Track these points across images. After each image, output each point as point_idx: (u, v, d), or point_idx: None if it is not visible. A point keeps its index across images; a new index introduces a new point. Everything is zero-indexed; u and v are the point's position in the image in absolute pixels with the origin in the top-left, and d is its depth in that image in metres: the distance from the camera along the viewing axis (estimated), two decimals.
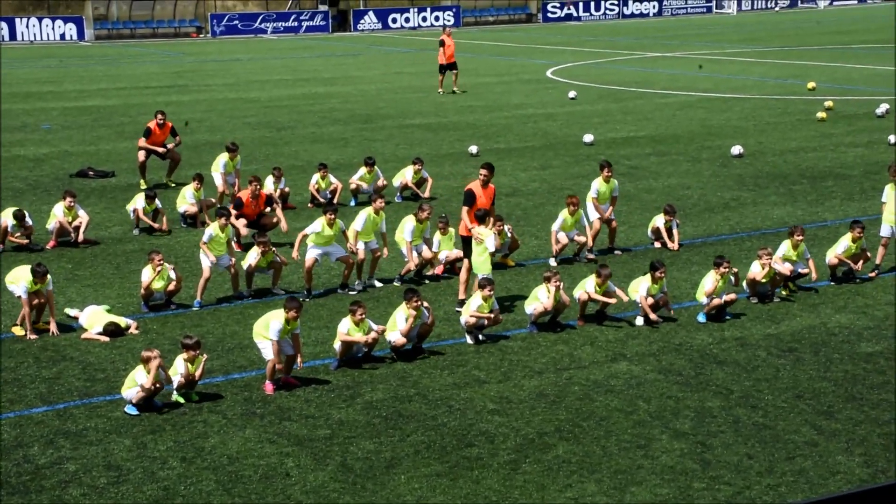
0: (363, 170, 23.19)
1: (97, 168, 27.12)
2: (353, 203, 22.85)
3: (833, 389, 13.16)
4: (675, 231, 19.53)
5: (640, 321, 15.60)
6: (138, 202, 20.99)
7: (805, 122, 33.16)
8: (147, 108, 36.94)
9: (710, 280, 15.62)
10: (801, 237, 16.68)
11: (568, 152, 29.03)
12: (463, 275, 16.43)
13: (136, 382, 12.61)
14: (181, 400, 12.94)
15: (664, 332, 15.29)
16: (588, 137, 30.18)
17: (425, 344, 14.66)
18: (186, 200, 21.49)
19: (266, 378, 13.33)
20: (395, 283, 17.52)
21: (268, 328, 13.28)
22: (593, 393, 13.16)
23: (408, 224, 17.59)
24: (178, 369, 12.92)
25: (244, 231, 19.22)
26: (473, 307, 14.81)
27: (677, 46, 59.64)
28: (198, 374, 12.99)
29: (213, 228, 16.80)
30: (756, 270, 16.35)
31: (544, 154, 28.58)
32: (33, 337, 15.20)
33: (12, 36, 68.42)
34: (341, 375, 13.80)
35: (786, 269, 16.47)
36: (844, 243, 17.14)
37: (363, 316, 13.90)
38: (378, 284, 17.47)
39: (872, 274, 17.55)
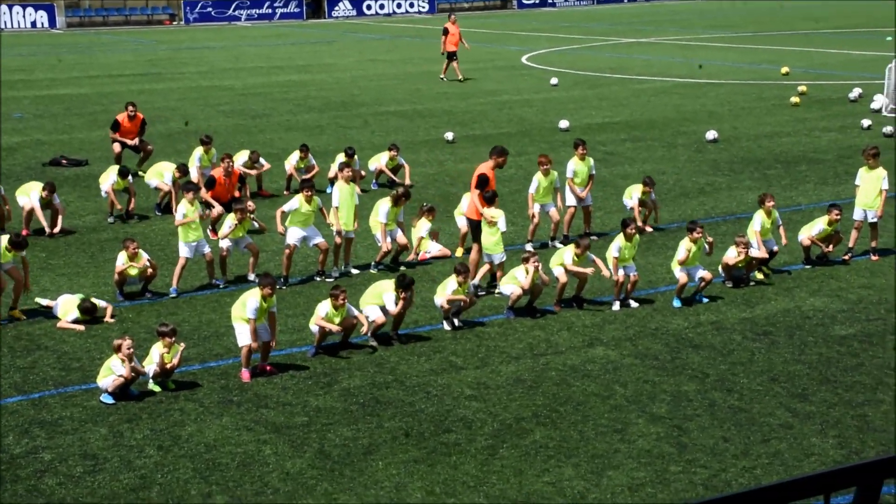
0: (341, 158, 23.10)
1: (70, 157, 26.91)
2: (329, 190, 22.80)
3: (807, 372, 13.25)
4: (654, 204, 19.59)
5: (616, 306, 15.66)
6: (110, 177, 20.67)
7: (779, 106, 33.31)
8: (120, 96, 36.63)
9: (682, 248, 15.71)
10: (772, 203, 16.76)
11: (544, 138, 29.04)
12: (474, 256, 16.43)
13: (111, 371, 12.54)
14: (157, 389, 12.89)
15: (640, 316, 15.35)
16: (564, 123, 30.21)
17: (402, 330, 14.66)
18: (163, 179, 21.26)
19: (242, 366, 13.30)
20: (371, 271, 17.49)
21: (245, 307, 13.25)
22: (570, 378, 13.20)
23: (382, 206, 17.54)
24: (154, 358, 12.87)
25: (216, 213, 19.11)
26: (448, 291, 14.82)
27: (652, 32, 59.75)
28: (174, 362, 12.94)
29: (183, 205, 16.55)
30: (731, 255, 16.43)
31: (520, 140, 28.58)
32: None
33: None
34: (318, 363, 13.78)
35: (762, 252, 16.54)
36: (819, 226, 17.25)
37: (344, 301, 13.87)
38: (354, 272, 17.45)
39: (846, 257, 17.67)
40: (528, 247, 18.45)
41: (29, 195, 19.82)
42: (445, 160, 26.56)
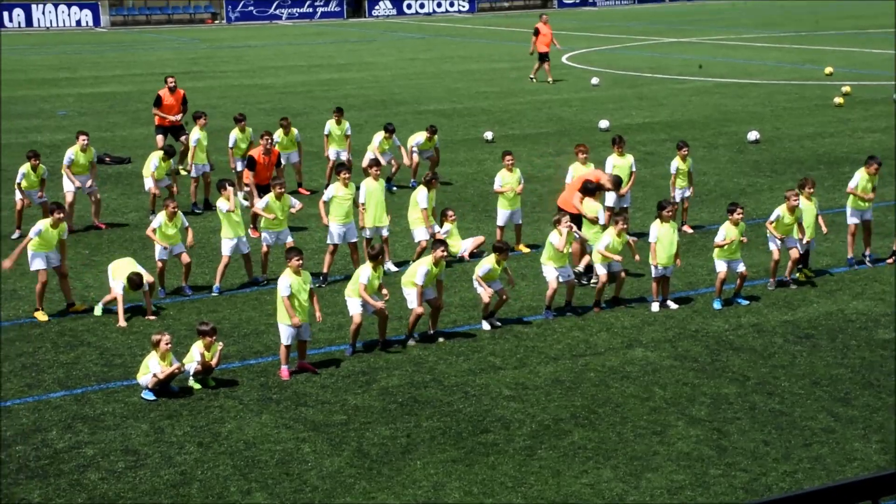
0: (381, 136, 23.09)
1: (113, 154, 27.19)
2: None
3: (850, 376, 13.11)
4: (691, 174, 19.51)
5: (655, 307, 15.57)
6: (153, 162, 20.60)
7: (822, 107, 32.97)
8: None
9: (722, 231, 15.60)
10: (811, 189, 16.48)
11: (583, 138, 28.85)
12: (576, 247, 16.52)
13: (149, 369, 12.66)
14: (198, 386, 12.99)
15: (680, 318, 15.26)
16: (604, 123, 30.07)
17: (440, 329, 14.66)
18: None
19: (281, 363, 13.37)
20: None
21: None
22: (609, 379, 13.15)
23: (420, 194, 17.53)
24: (195, 356, 12.97)
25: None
26: (484, 269, 14.75)
27: (693, 32, 59.35)
28: (214, 360, 13.03)
29: (222, 202, 16.57)
30: (779, 213, 16.18)
31: (559, 140, 28.50)
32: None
33: (28, 22, 68.55)
34: (357, 361, 13.82)
35: (794, 253, 16.35)
36: (857, 177, 17.08)
37: (383, 262, 13.98)
38: (394, 269, 17.47)
39: (890, 260, 17.47)
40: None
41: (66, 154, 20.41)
42: (484, 159, 26.53)
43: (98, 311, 15.67)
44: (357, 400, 12.64)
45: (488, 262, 14.78)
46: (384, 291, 14.09)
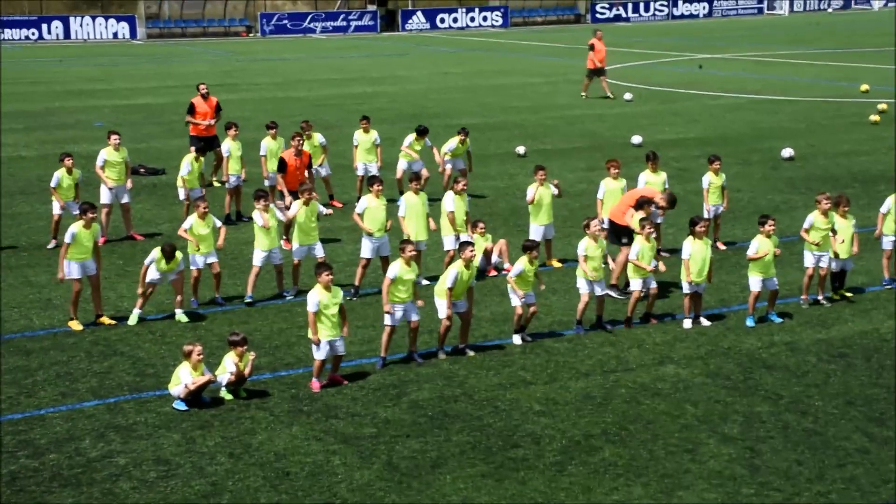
0: (411, 137, 23.20)
1: (148, 165, 27.41)
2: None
3: (885, 396, 12.98)
4: (724, 189, 19.49)
5: (687, 324, 15.49)
6: (185, 166, 20.77)
7: (858, 124, 32.73)
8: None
9: (754, 242, 15.51)
10: (846, 207, 16.33)
11: (616, 154, 28.76)
12: (621, 258, 16.51)
13: (181, 379, 12.73)
14: (229, 397, 13.05)
15: (712, 335, 15.17)
16: (637, 139, 29.99)
17: (471, 343, 14.65)
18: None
19: (313, 376, 13.40)
20: None
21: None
22: (640, 396, 13.09)
23: (447, 200, 17.56)
24: (228, 367, 13.02)
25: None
26: (517, 270, 14.74)
27: (727, 48, 59.11)
28: (246, 371, 13.08)
29: (257, 214, 16.59)
30: (812, 220, 16.15)
31: (591, 155, 28.44)
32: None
33: (66, 34, 69.36)
34: (387, 374, 13.83)
35: (822, 269, 16.25)
36: (888, 203, 16.99)
37: (413, 253, 14.02)
38: (425, 282, 17.47)
39: None
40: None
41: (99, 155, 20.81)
42: (516, 174, 26.53)
43: (133, 319, 15.77)
44: (387, 413, 12.65)
45: (521, 263, 14.78)
46: (419, 302, 14.14)
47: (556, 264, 18.53)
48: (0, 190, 25.00)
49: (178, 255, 15.69)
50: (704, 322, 15.54)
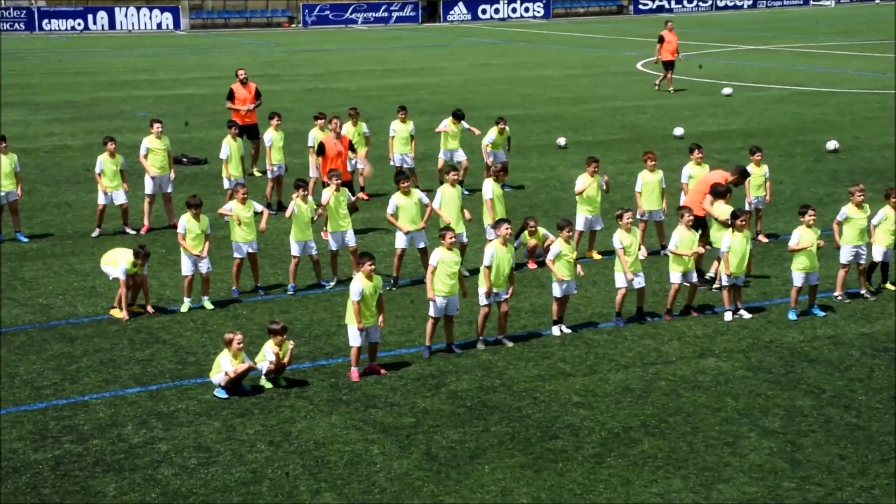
0: (447, 121, 23.24)
1: (190, 155, 27.62)
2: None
3: None
4: (767, 181, 19.54)
5: (728, 316, 15.38)
6: (224, 148, 20.95)
7: None
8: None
9: (796, 234, 15.38)
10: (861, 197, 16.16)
11: (657, 145, 28.64)
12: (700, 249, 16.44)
13: (221, 367, 12.83)
14: (269, 385, 13.13)
15: (754, 328, 15.06)
16: (678, 130, 29.79)
17: (510, 334, 14.63)
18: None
19: (351, 365, 13.46)
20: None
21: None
22: (680, 388, 13.02)
23: (486, 187, 17.53)
24: (268, 356, 13.11)
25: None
26: (555, 251, 14.78)
27: (771, 39, 58.52)
28: (286, 360, 13.16)
29: (294, 204, 16.62)
30: (846, 212, 16.06)
31: (632, 147, 28.29)
32: (127, 318, 15.56)
33: (111, 25, 70.01)
34: (427, 364, 13.86)
35: (861, 264, 16.10)
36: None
37: (453, 239, 14.06)
38: (466, 274, 17.44)
39: None
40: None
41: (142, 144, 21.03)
42: (557, 165, 26.46)
43: (185, 307, 15.90)
44: (426, 403, 12.67)
45: (557, 245, 14.78)
46: (463, 295, 14.17)
47: (596, 256, 18.45)
48: (46, 179, 25.30)
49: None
50: (745, 315, 15.43)
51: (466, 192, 22.95)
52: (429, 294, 13.94)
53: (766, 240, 19.30)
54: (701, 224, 16.58)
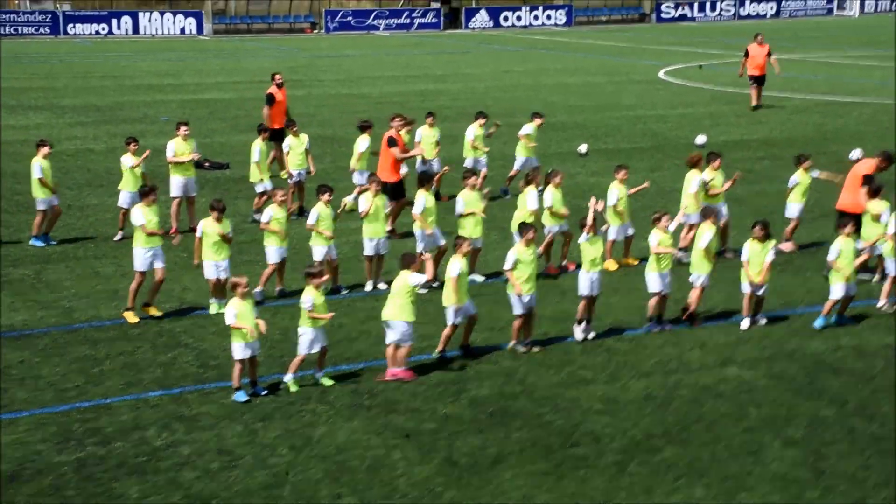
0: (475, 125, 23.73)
1: (213, 160, 27.72)
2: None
3: None
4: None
5: (745, 324, 15.31)
6: (256, 149, 21.14)
7: None
8: (261, 102, 37.54)
9: (836, 246, 15.28)
10: None
11: (679, 154, 28.57)
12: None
13: (231, 312, 12.87)
14: (295, 388, 13.09)
15: (776, 337, 14.99)
16: (701, 139, 29.48)
17: (532, 340, 14.62)
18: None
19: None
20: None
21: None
22: (702, 397, 12.97)
23: (530, 195, 17.54)
24: (306, 304, 13.18)
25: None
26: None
27: (794, 48, 58.30)
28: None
29: (318, 208, 16.65)
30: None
31: (653, 155, 28.24)
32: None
33: (135, 30, 70.39)
34: (447, 370, 13.86)
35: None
36: None
37: (469, 248, 14.25)
38: (479, 279, 17.43)
39: None
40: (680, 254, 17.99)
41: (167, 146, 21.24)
42: (577, 173, 26.44)
43: (214, 309, 15.96)
44: (447, 409, 12.68)
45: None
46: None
47: (632, 262, 18.32)
48: (69, 182, 25.45)
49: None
50: (762, 321, 15.34)
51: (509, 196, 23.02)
52: (453, 305, 13.91)
53: (791, 247, 19.10)
54: (855, 220, 16.38)
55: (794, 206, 19.40)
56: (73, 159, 28.38)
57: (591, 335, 14.89)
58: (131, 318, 15.73)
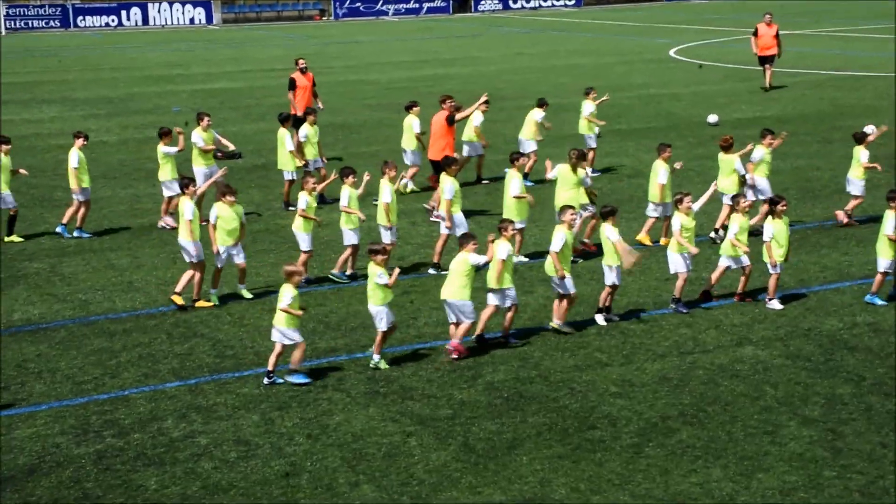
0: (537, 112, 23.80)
1: (225, 149, 27.69)
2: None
3: None
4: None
5: (776, 304, 15.21)
6: (287, 140, 21.29)
7: None
8: (272, 90, 37.63)
9: (891, 220, 14.99)
10: None
11: (692, 133, 28.51)
12: None
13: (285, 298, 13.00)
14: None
15: (791, 316, 14.94)
16: (713, 118, 29.55)
17: (545, 324, 14.62)
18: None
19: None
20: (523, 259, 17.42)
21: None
22: (718, 377, 12.95)
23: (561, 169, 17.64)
24: (380, 279, 13.24)
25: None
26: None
27: (807, 24, 57.93)
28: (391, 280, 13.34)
29: (347, 191, 16.69)
30: None
31: (667, 135, 28.10)
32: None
33: (145, 21, 70.49)
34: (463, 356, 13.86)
35: None
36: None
37: (514, 231, 14.40)
38: (525, 260, 17.40)
39: None
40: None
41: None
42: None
43: (214, 299, 16.00)
44: (463, 394, 12.69)
45: (609, 225, 14.81)
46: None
47: (665, 243, 18.27)
48: None
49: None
50: (777, 305, 15.27)
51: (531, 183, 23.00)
52: (495, 285, 13.90)
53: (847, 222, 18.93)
54: None
55: (762, 182, 19.05)
56: (85, 151, 28.35)
57: (615, 318, 14.87)
58: (204, 304, 15.89)
